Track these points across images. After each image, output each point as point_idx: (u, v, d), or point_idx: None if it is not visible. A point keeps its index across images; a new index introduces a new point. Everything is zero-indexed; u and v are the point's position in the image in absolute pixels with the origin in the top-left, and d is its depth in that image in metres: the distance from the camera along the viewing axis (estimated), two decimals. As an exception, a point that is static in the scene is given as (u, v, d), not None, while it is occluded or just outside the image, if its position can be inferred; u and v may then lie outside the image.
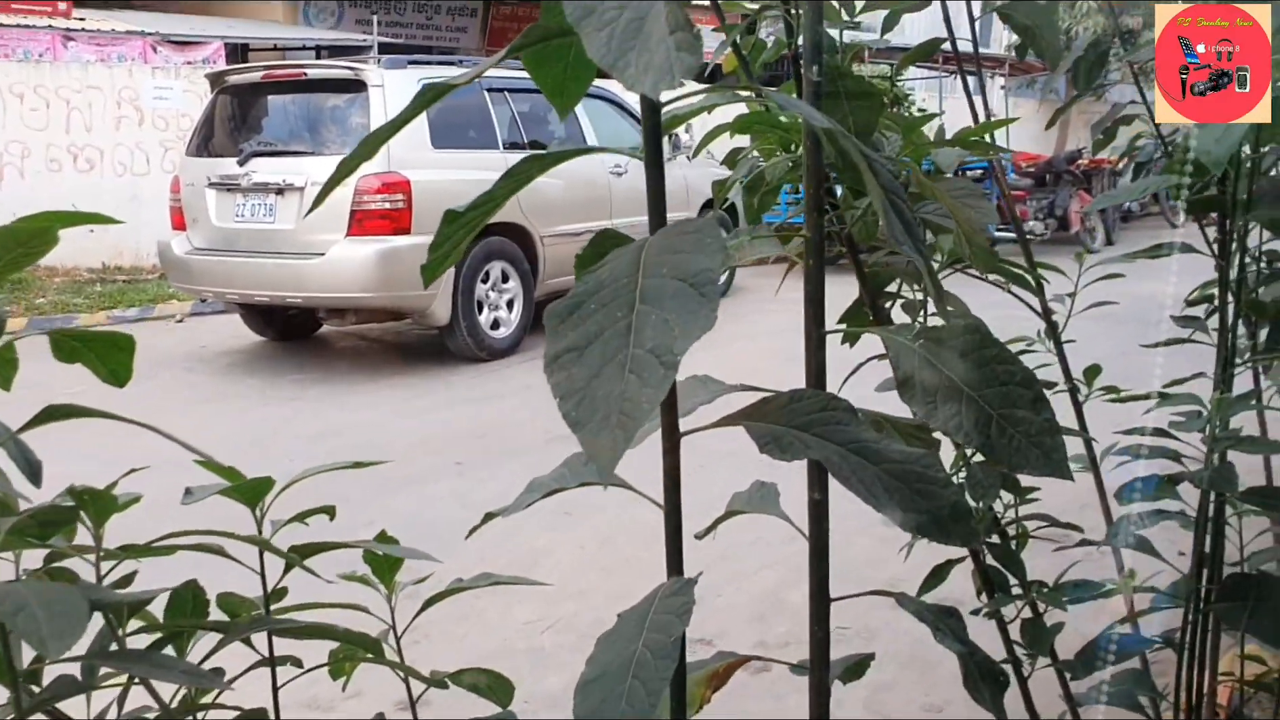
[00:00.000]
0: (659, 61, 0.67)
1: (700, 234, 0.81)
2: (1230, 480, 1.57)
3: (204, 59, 14.62)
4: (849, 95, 1.22)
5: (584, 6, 0.72)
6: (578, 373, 0.75)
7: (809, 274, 1.16)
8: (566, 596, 3.61)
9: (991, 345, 1.05)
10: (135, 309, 9.44)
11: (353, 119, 7.15)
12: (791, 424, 0.93)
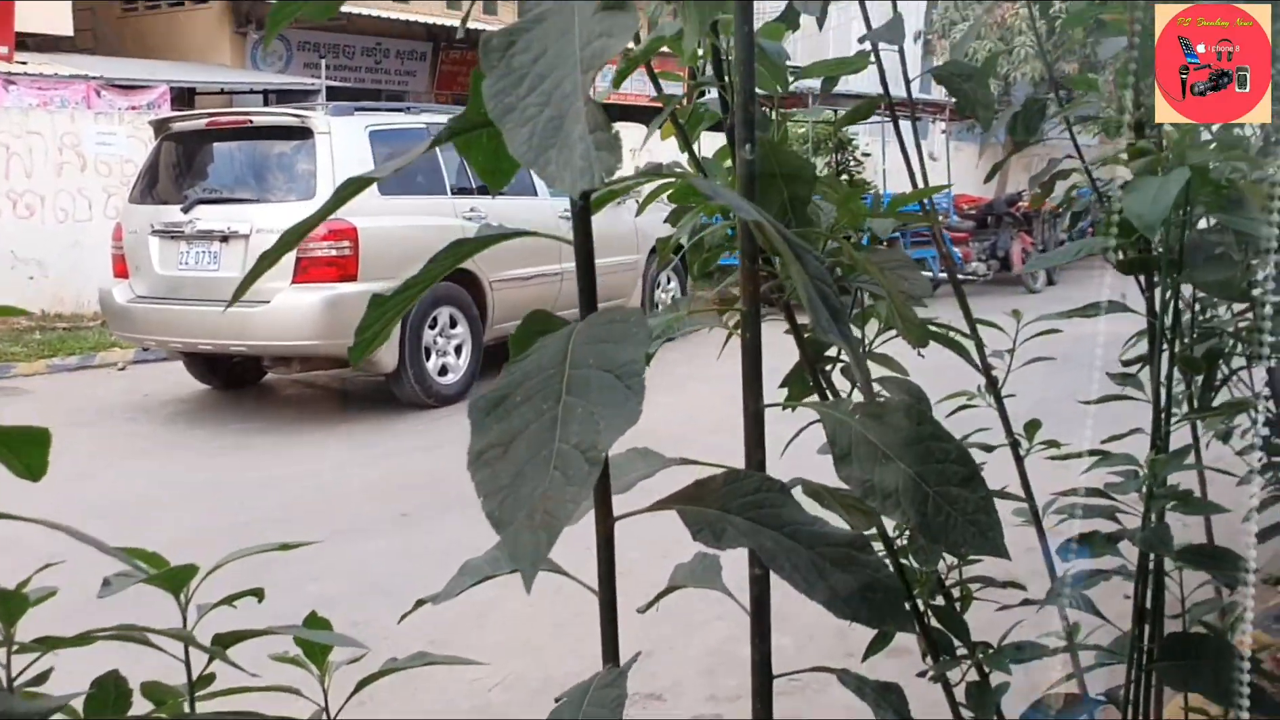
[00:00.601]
0: (578, 161, 0.67)
1: (627, 324, 0.80)
2: (1166, 541, 1.59)
3: (149, 103, 14.51)
4: (783, 172, 1.23)
5: (505, 104, 0.72)
6: (502, 470, 0.73)
7: (745, 346, 1.15)
8: (515, 653, 3.56)
9: (927, 422, 1.05)
10: (76, 357, 9.27)
11: (299, 166, 7.11)
12: (727, 508, 0.92)
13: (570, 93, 0.70)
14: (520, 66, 0.73)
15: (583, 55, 0.71)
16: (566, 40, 0.73)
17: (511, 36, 0.75)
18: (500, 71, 0.74)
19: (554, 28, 0.74)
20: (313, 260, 6.75)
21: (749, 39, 1.13)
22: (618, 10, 0.71)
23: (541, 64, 0.73)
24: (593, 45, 0.70)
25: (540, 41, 0.74)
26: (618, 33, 0.70)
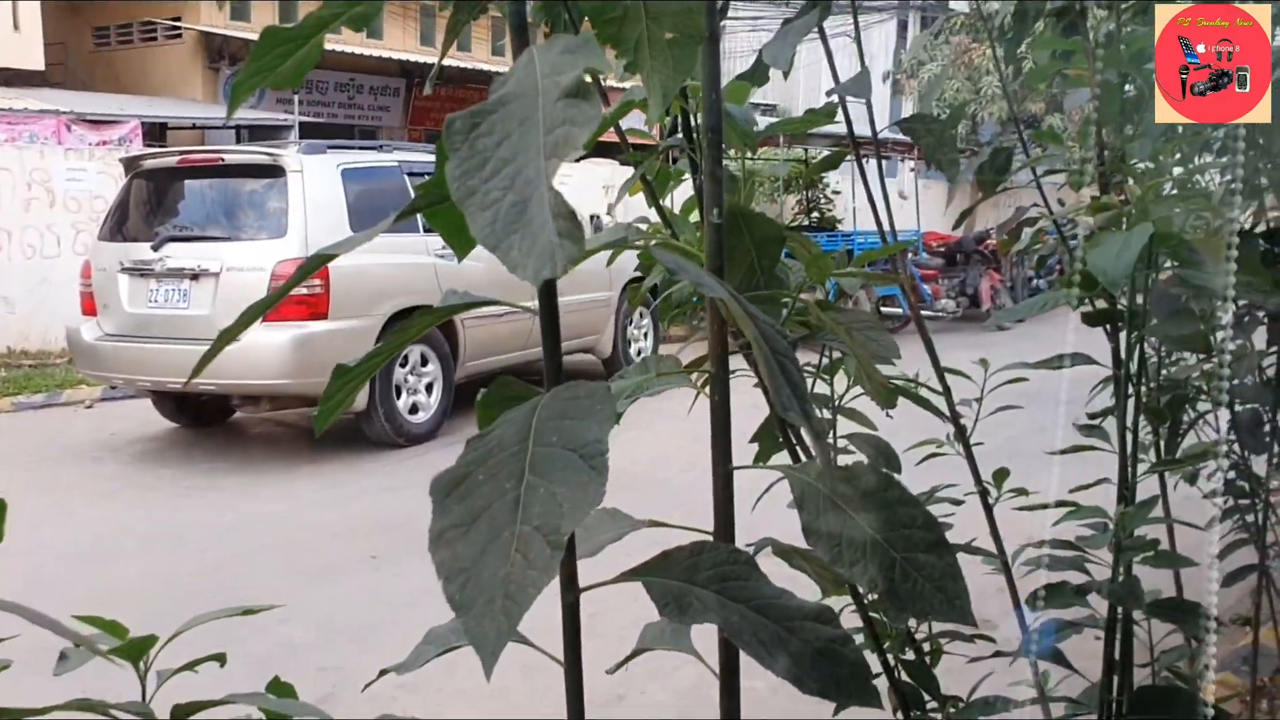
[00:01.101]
0: (541, 248, 0.67)
1: (592, 400, 0.80)
2: (1135, 595, 1.59)
3: (120, 138, 14.44)
4: (752, 234, 1.23)
5: (468, 186, 0.72)
6: (462, 551, 0.73)
7: (714, 407, 1.15)
8: (485, 697, 3.52)
9: (895, 487, 1.05)
10: (42, 395, 9.16)
11: (270, 204, 7.09)
12: (693, 580, 0.92)
13: (534, 179, 0.70)
14: (484, 149, 0.73)
15: (546, 141, 0.71)
16: (531, 125, 0.73)
17: (475, 118, 0.75)
18: (463, 154, 0.74)
19: (518, 111, 0.74)
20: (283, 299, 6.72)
21: (716, 105, 1.14)
22: (582, 100, 0.71)
23: (505, 148, 0.73)
24: (557, 132, 0.71)
25: (504, 125, 0.74)
26: (581, 123, 0.70)
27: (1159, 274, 1.96)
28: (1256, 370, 2.59)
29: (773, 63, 1.76)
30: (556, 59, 0.78)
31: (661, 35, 0.99)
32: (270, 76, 0.92)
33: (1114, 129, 2.26)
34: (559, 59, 0.78)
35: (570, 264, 0.66)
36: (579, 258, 0.66)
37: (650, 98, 1.01)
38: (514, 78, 0.79)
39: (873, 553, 1.02)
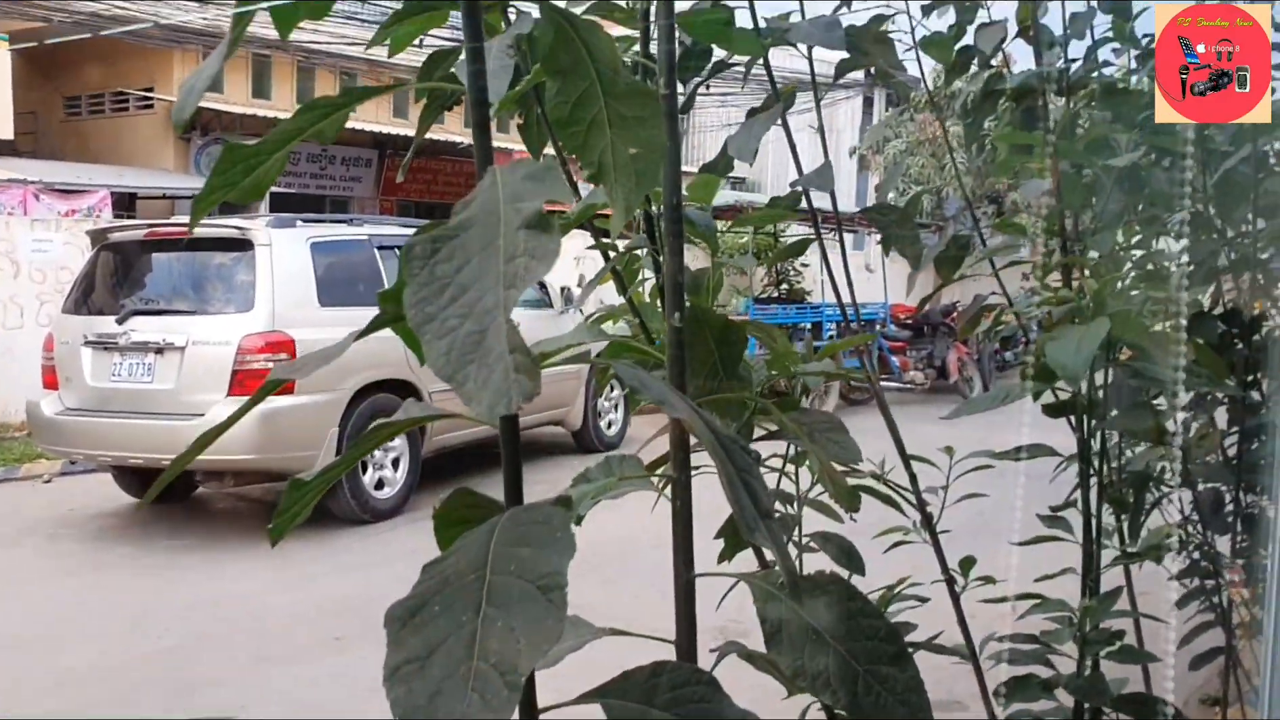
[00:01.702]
0: (496, 383, 0.66)
1: (551, 525, 0.79)
2: (1102, 691, 1.59)
3: (88, 208, 14.39)
4: (715, 334, 1.24)
5: (426, 313, 0.71)
6: (418, 688, 0.71)
7: (676, 514, 1.15)
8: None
9: (857, 598, 1.04)
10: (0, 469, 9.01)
11: (238, 277, 7.07)
12: (652, 702, 0.90)
13: (492, 308, 0.70)
14: (443, 275, 0.73)
15: (506, 271, 0.71)
16: (491, 252, 0.73)
17: (436, 243, 0.75)
18: (422, 279, 0.74)
19: (479, 237, 0.74)
20: (249, 373, 6.67)
21: (677, 211, 1.15)
22: (542, 232, 0.71)
23: (465, 274, 0.73)
24: (517, 262, 0.71)
25: (465, 250, 0.74)
26: (541, 256, 0.70)
27: (1117, 364, 1.99)
28: (1219, 450, 2.61)
29: (737, 155, 1.78)
30: (519, 185, 0.78)
31: (625, 149, 1.00)
32: (232, 191, 0.92)
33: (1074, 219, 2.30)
34: (521, 185, 0.78)
35: (526, 400, 0.65)
36: (533, 394, 0.66)
37: (614, 209, 1.02)
38: (476, 201, 0.79)
39: (836, 667, 1.02)
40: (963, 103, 2.72)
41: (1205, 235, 2.60)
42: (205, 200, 0.91)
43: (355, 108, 0.93)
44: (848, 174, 19.15)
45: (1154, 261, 2.55)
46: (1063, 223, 2.09)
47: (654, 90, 0.99)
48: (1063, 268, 2.02)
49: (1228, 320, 2.57)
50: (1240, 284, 2.60)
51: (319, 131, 0.92)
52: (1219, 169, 2.47)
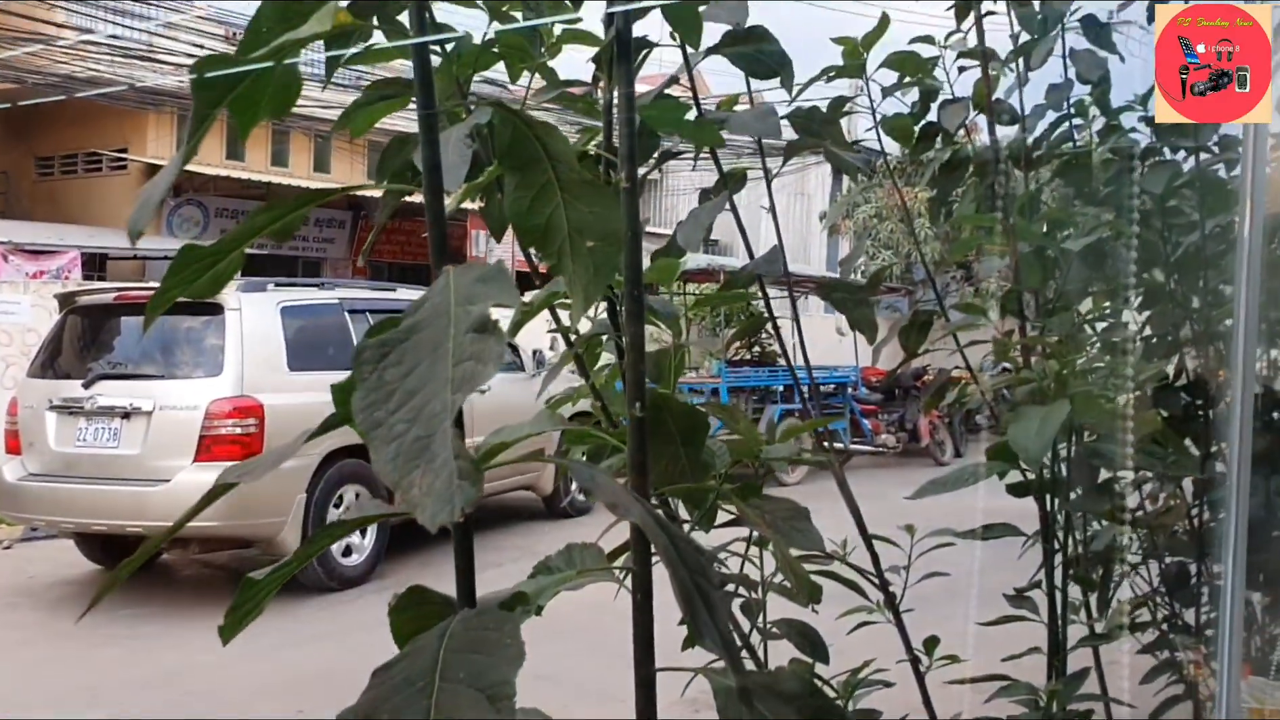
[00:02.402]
0: (441, 488, 0.66)
1: (502, 632, 0.78)
2: (1069, 776, 1.58)
3: (58, 268, 14.33)
4: (677, 422, 1.24)
5: (374, 418, 0.71)
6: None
7: (637, 606, 1.14)
8: None
9: (817, 695, 1.03)
10: (-41, 535, 8.84)
11: (207, 341, 7.02)
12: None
13: (439, 412, 0.70)
14: (391, 380, 0.73)
15: (454, 375, 0.71)
16: (440, 356, 0.73)
17: (385, 347, 0.75)
18: (371, 384, 0.73)
19: (428, 341, 0.74)
20: (216, 439, 6.61)
21: (638, 300, 1.16)
22: (489, 336, 0.72)
23: (413, 379, 0.73)
24: (464, 366, 0.71)
25: (414, 354, 0.74)
26: (486, 360, 0.70)
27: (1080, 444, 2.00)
28: (1185, 521, 2.62)
29: (685, 244, 1.80)
30: (470, 287, 0.78)
31: (583, 242, 1.01)
32: (188, 290, 0.92)
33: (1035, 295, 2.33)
34: (473, 288, 0.78)
35: (469, 507, 0.65)
36: (476, 500, 0.65)
37: (573, 301, 1.02)
38: (429, 303, 0.79)
39: (795, 765, 1.00)
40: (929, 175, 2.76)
41: (1167, 307, 2.64)
42: (160, 300, 0.91)
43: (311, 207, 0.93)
44: (819, 239, 19.35)
45: (1117, 334, 2.58)
46: (1020, 302, 2.11)
47: (608, 187, 1.00)
48: (1022, 347, 2.04)
49: (1191, 392, 2.60)
50: (1203, 355, 2.63)
51: (276, 231, 0.92)
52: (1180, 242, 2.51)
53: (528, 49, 1.54)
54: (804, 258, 19.62)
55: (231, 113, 0.92)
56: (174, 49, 16.19)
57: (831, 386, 12.34)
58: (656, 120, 1.42)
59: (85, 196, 17.78)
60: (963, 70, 2.47)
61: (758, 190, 2.05)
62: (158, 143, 17.31)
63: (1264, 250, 2.19)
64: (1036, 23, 2.45)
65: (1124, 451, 1.76)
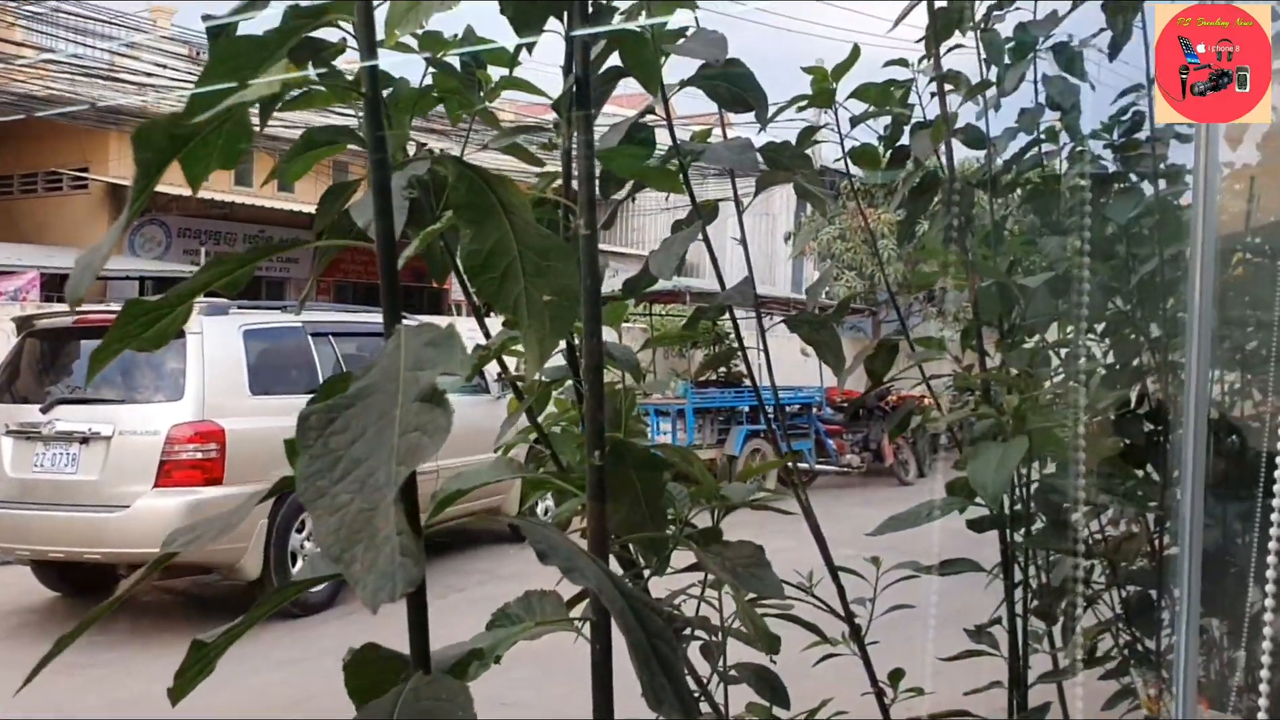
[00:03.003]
0: (383, 565, 0.65)
1: (454, 703, 0.77)
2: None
3: (16, 289, 14.16)
4: (636, 468, 1.23)
5: (317, 487, 0.70)
6: None
7: (596, 657, 1.13)
8: None
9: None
10: (-87, 561, 8.67)
11: (168, 365, 6.94)
12: None
13: (383, 484, 0.69)
14: (337, 448, 0.72)
15: (399, 446, 0.70)
16: (387, 424, 0.72)
17: (332, 413, 0.74)
18: (316, 451, 0.72)
19: (375, 408, 0.73)
20: (177, 463, 6.54)
21: (597, 348, 1.15)
22: (436, 407, 0.71)
23: (359, 446, 0.72)
24: (410, 437, 0.70)
25: (360, 422, 0.73)
26: (432, 432, 0.69)
27: (1040, 477, 2.01)
28: (1147, 547, 2.64)
29: (658, 274, 1.80)
30: (421, 352, 0.77)
31: (539, 296, 1.00)
32: (133, 343, 0.91)
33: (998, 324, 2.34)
34: (423, 352, 0.77)
35: (409, 586, 0.64)
36: (417, 581, 0.64)
37: (528, 354, 1.01)
38: (378, 367, 0.78)
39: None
40: (899, 200, 2.77)
41: (1129, 335, 2.66)
42: (104, 353, 0.90)
43: (262, 261, 0.92)
44: (784, 259, 19.45)
45: (1079, 363, 2.59)
46: (980, 335, 2.12)
47: (565, 241, 1.00)
48: (982, 381, 2.05)
49: (1153, 419, 2.62)
50: (1163, 383, 2.65)
51: (227, 284, 0.91)
52: (1140, 270, 2.53)
53: (466, 93, 1.53)
54: (769, 278, 19.71)
55: (181, 167, 0.91)
56: (136, 68, 16.07)
57: (796, 407, 12.37)
58: (618, 166, 1.41)
59: (45, 216, 17.59)
60: (934, 95, 2.49)
61: (725, 210, 2.06)
62: (119, 162, 17.16)
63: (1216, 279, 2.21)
64: (1005, 50, 2.48)
65: (1083, 484, 1.77)
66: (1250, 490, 2.48)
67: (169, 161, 0.81)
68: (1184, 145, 2.52)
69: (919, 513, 1.84)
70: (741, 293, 1.92)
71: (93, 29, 15.94)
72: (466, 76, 1.53)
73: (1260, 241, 2.60)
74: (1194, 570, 1.53)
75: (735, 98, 1.71)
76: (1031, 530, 1.91)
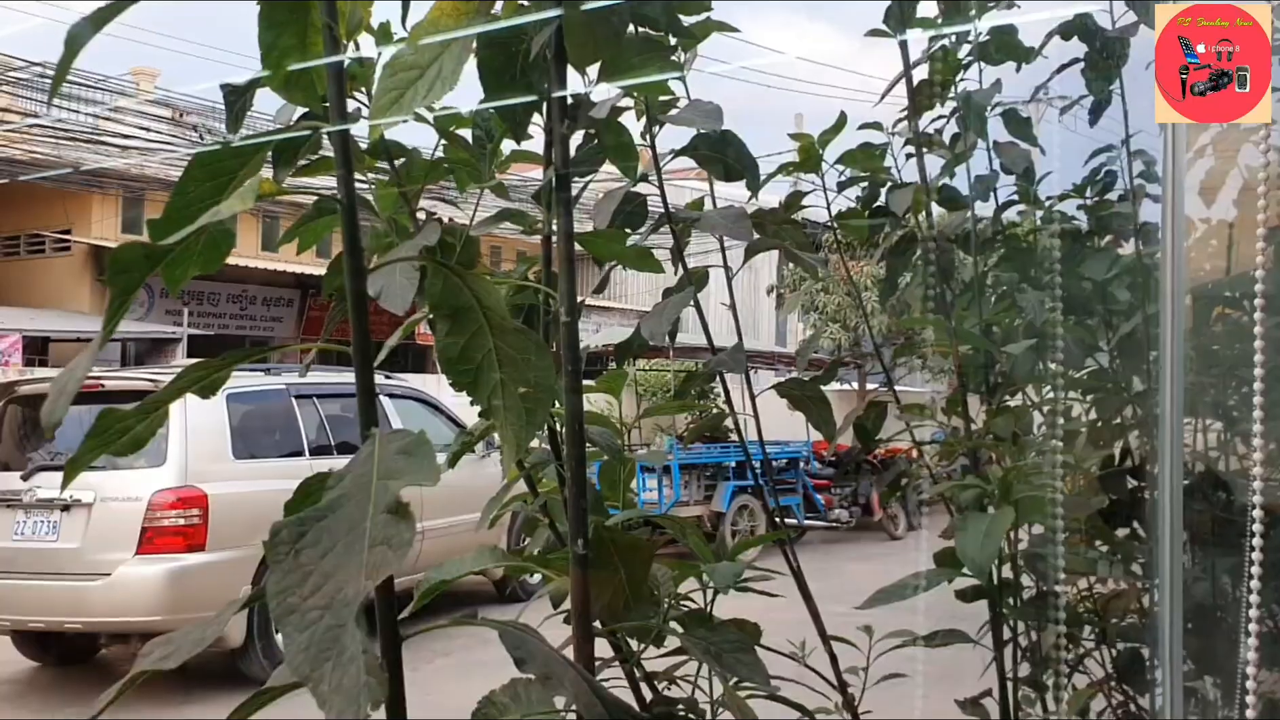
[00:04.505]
0: (349, 685, 0.64)
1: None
2: None
3: (-1, 352, 14.09)
4: (621, 555, 1.22)
5: (287, 604, 0.69)
6: None
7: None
8: None
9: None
10: (-110, 632, 8.52)
11: (150, 430, 6.88)
12: None
13: (352, 599, 0.68)
14: (307, 562, 0.71)
15: (367, 560, 0.69)
16: (356, 537, 0.71)
17: (302, 526, 0.73)
18: (286, 566, 0.71)
19: (346, 520, 0.72)
20: (159, 530, 6.47)
21: (579, 436, 1.14)
22: (401, 520, 0.70)
23: (329, 560, 0.70)
24: (377, 551, 0.69)
25: (331, 534, 0.72)
26: (397, 546, 0.68)
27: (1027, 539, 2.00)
28: (1136, 605, 2.63)
29: (650, 339, 1.80)
30: (393, 460, 0.77)
31: (515, 389, 0.99)
32: (109, 450, 0.90)
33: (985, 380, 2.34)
34: (395, 460, 0.76)
35: (375, 707, 0.63)
36: (384, 698, 0.63)
37: (505, 447, 1.00)
38: (350, 476, 0.77)
39: None
40: (880, 254, 2.78)
41: (1109, 392, 2.67)
42: (79, 462, 0.89)
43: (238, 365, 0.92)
44: (767, 312, 19.52)
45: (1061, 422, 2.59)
46: (965, 403, 2.12)
47: (540, 338, 0.99)
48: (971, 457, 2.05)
49: (1137, 475, 2.62)
50: (1146, 438, 2.65)
51: (202, 389, 0.91)
52: (1118, 326, 2.54)
53: (476, 166, 1.54)
54: (754, 331, 19.76)
55: (161, 274, 0.90)
56: (119, 130, 16.14)
57: (784, 462, 12.32)
58: (598, 250, 1.42)
59: (28, 278, 17.56)
60: (910, 157, 2.51)
61: (711, 259, 2.06)
62: (102, 224, 17.19)
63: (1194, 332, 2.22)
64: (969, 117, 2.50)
65: (1070, 546, 1.76)
66: (1239, 544, 2.47)
67: (144, 279, 0.80)
68: (1157, 204, 2.55)
69: (906, 586, 1.82)
70: (733, 359, 1.92)
71: (77, 93, 16.03)
72: (478, 148, 1.53)
73: (1234, 293, 2.62)
74: (1175, 628, 1.53)
75: (728, 168, 1.72)
76: (1020, 596, 1.89)
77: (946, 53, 2.36)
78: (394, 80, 0.98)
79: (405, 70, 0.98)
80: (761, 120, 2.60)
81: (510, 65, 1.21)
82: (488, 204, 1.58)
